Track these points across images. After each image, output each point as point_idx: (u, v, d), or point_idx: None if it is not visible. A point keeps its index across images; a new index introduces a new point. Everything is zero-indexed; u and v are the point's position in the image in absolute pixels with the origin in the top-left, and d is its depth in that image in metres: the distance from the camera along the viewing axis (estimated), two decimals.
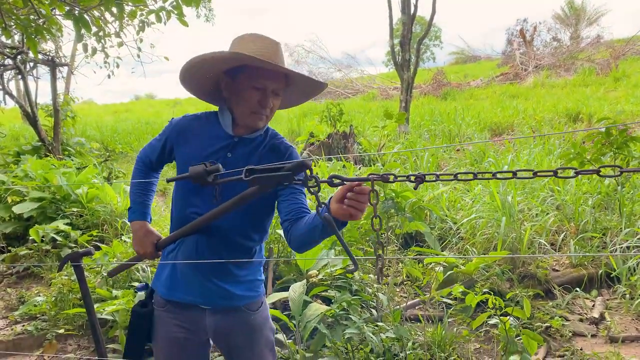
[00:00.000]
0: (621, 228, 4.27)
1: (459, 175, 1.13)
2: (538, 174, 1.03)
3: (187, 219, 1.65)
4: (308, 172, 1.25)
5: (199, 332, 1.76)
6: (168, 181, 1.57)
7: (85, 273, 3.89)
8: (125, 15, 4.79)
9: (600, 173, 0.96)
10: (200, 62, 1.61)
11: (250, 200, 1.46)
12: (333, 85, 22.99)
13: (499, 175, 1.09)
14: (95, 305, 3.18)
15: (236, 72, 1.64)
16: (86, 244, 4.73)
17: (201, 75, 1.69)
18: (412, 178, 1.17)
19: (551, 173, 1.02)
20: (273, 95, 1.67)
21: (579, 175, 1.09)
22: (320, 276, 3.43)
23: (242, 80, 1.64)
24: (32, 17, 4.17)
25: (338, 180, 1.25)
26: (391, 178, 1.19)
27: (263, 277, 1.87)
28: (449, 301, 3.50)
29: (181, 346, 1.76)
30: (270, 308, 3.09)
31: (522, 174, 1.03)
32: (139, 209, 1.85)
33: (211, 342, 1.85)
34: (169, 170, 8.60)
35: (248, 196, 1.45)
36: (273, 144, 1.73)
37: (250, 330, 1.78)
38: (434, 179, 1.14)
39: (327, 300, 3.29)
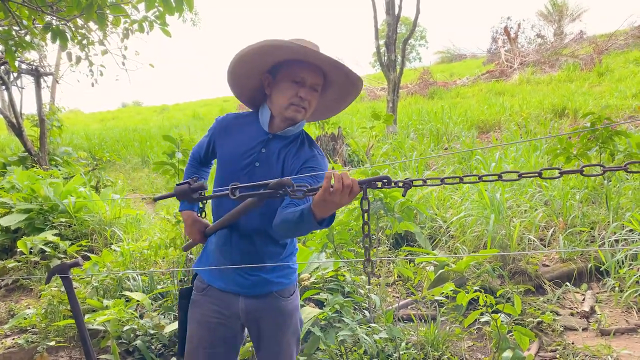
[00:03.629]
0: (609, 221, 4.32)
1: (445, 179, 1.14)
2: (523, 175, 1.04)
3: (227, 207, 1.75)
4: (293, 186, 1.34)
5: (232, 318, 1.85)
6: (155, 200, 1.60)
7: (76, 284, 3.87)
8: (108, 23, 4.76)
9: (584, 172, 0.97)
10: (242, 57, 1.71)
11: (254, 209, 1.62)
12: None
13: (485, 178, 1.10)
14: (86, 316, 3.15)
15: (277, 68, 1.76)
16: (75, 255, 4.69)
17: (244, 74, 1.79)
18: (400, 184, 1.18)
19: (536, 174, 1.03)
20: (311, 90, 1.75)
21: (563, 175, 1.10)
22: (312, 279, 3.43)
23: (282, 76, 1.75)
24: (14, 27, 4.14)
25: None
26: (379, 184, 1.20)
27: (296, 265, 1.94)
28: (442, 299, 3.52)
29: (213, 330, 1.85)
30: None
31: (508, 176, 1.04)
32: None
33: (245, 333, 1.96)
34: (162, 188, 8.55)
35: (250, 205, 1.58)
36: (301, 147, 1.81)
37: (280, 315, 1.86)
38: (421, 183, 1.15)
39: (320, 303, 3.29)
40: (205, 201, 1.51)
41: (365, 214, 1.33)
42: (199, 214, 1.60)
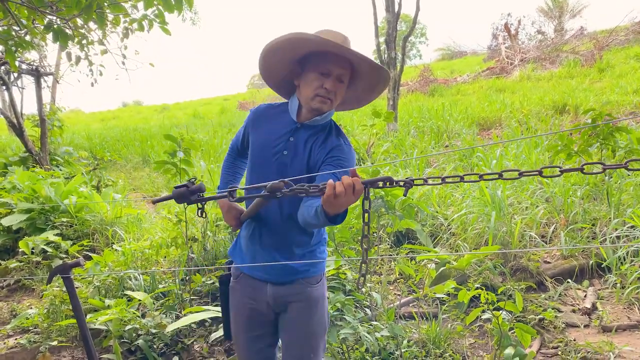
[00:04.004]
0: (610, 218, 4.31)
1: (446, 178, 1.14)
2: (524, 174, 1.04)
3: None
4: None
5: (262, 304, 1.92)
6: (154, 202, 1.62)
7: (78, 283, 3.87)
8: (108, 22, 4.75)
9: (584, 171, 0.97)
10: (271, 48, 1.77)
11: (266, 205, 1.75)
12: None
13: (485, 177, 1.09)
14: (88, 316, 3.16)
15: (305, 60, 1.81)
16: (77, 254, 4.70)
17: (275, 63, 1.85)
18: (402, 183, 1.19)
19: (537, 173, 1.03)
20: (337, 81, 1.79)
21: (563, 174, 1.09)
22: None
23: (310, 67, 1.80)
24: (14, 27, 4.14)
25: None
26: (380, 184, 1.21)
27: (325, 255, 1.97)
28: (443, 296, 3.52)
29: (248, 316, 1.95)
30: None
31: (508, 175, 1.04)
32: (224, 187, 2.07)
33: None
34: (163, 188, 8.55)
35: (260, 204, 1.72)
36: (328, 136, 1.85)
37: (305, 301, 1.90)
38: (422, 183, 1.15)
39: None
40: (204, 202, 1.52)
41: (366, 214, 1.34)
42: (200, 215, 1.61)
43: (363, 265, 1.39)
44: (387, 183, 1.25)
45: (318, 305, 1.92)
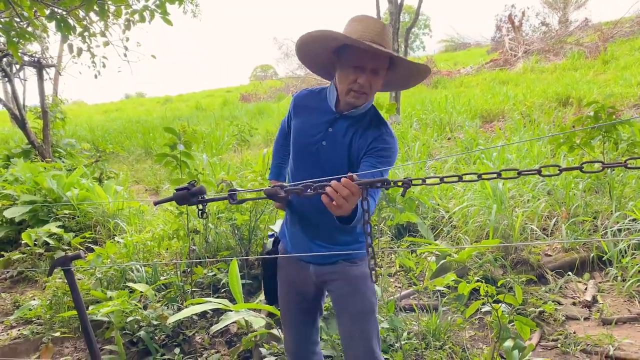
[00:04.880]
0: (612, 211, 4.31)
1: (445, 178, 1.14)
2: (522, 173, 1.04)
3: (297, 180, 1.89)
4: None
5: (307, 281, 2.04)
6: (155, 204, 1.65)
7: (79, 275, 3.89)
8: (110, 14, 4.74)
9: (583, 169, 0.97)
10: (308, 39, 1.77)
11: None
12: (323, 78, 22.90)
13: (484, 177, 1.09)
14: (90, 307, 3.18)
15: (341, 51, 1.78)
16: (79, 246, 4.72)
17: (312, 52, 1.85)
18: (400, 183, 1.19)
19: (535, 172, 1.03)
20: (372, 74, 1.76)
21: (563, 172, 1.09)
22: None
23: (345, 59, 1.78)
24: (15, 19, 4.13)
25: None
26: (378, 185, 1.22)
27: (369, 241, 1.97)
28: (443, 289, 3.53)
29: (294, 290, 2.09)
30: (265, 304, 3.09)
31: (506, 174, 1.04)
32: (274, 170, 2.22)
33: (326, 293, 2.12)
34: (165, 180, 8.56)
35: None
36: (368, 126, 1.86)
37: (347, 279, 1.96)
38: (420, 183, 1.15)
39: None
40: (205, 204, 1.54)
41: (366, 215, 1.36)
42: (200, 216, 1.62)
43: (371, 260, 1.40)
44: (385, 183, 1.26)
45: (360, 283, 1.96)
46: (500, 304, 2.67)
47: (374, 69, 1.76)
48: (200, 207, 1.63)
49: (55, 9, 3.74)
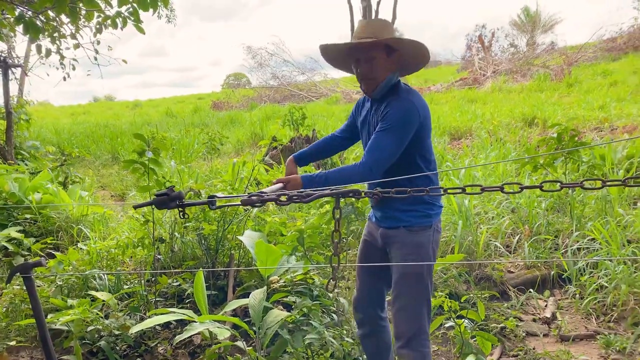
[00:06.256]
0: (572, 230, 4.44)
1: (414, 191, 1.17)
2: (485, 189, 1.07)
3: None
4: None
5: (376, 240, 2.43)
6: (135, 208, 1.69)
7: (40, 282, 3.78)
8: (81, 17, 4.67)
9: (543, 188, 1.01)
10: (322, 50, 2.31)
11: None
12: (296, 89, 22.98)
13: (449, 191, 1.13)
14: (50, 315, 3.09)
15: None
16: (40, 252, 4.59)
17: (328, 57, 2.37)
18: (371, 194, 1.22)
19: (498, 188, 1.06)
20: (366, 63, 2.18)
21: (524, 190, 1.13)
22: (281, 282, 3.43)
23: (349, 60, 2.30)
24: None
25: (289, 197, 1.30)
26: (350, 194, 1.24)
27: (432, 211, 2.28)
28: None
29: (365, 246, 2.55)
30: (230, 316, 3.07)
31: (471, 190, 1.07)
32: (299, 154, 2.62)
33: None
34: (132, 186, 8.41)
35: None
36: (384, 100, 2.22)
37: (403, 243, 2.26)
38: (389, 195, 1.18)
39: (289, 307, 3.30)
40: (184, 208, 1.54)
41: (337, 223, 1.37)
42: (182, 217, 1.67)
43: (333, 269, 1.42)
44: (355, 194, 1.28)
45: (414, 249, 2.23)
46: (463, 320, 2.72)
47: (367, 57, 2.17)
48: (180, 210, 1.65)
49: (24, 11, 3.67)
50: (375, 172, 2.11)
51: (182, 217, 1.64)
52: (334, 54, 2.31)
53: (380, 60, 2.16)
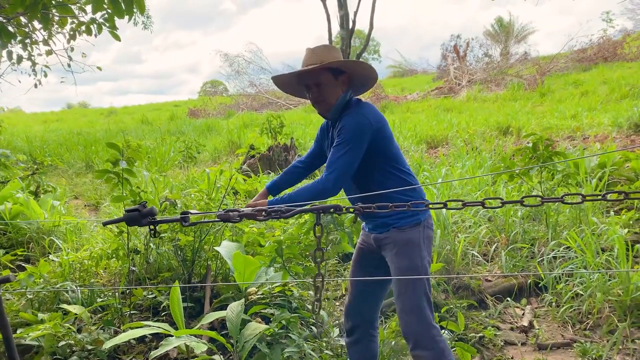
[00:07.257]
0: (548, 238, 4.49)
1: (396, 206, 1.16)
2: (467, 204, 1.07)
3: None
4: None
5: (371, 246, 2.48)
6: (104, 224, 1.67)
7: (8, 295, 3.66)
8: (54, 24, 4.58)
9: (524, 203, 1.01)
10: (277, 80, 2.48)
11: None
12: (274, 96, 22.95)
13: (431, 206, 1.12)
14: (19, 330, 2.99)
15: None
16: (9, 264, 4.45)
17: (282, 84, 2.51)
18: (352, 210, 1.21)
19: (479, 204, 1.05)
20: (316, 87, 2.30)
21: (505, 204, 1.12)
22: (259, 294, 3.38)
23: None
24: None
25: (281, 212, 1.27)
26: (332, 210, 1.23)
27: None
28: (389, 313, 3.54)
29: (359, 253, 2.61)
30: (207, 329, 3.01)
31: (452, 205, 1.06)
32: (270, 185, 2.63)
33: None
34: (106, 195, 8.24)
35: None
36: (339, 124, 2.29)
37: (395, 243, 2.31)
38: (370, 210, 1.16)
39: (267, 319, 3.25)
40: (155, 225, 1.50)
41: (318, 241, 1.35)
42: (153, 236, 1.62)
43: (318, 288, 1.40)
44: (336, 210, 1.26)
45: (406, 244, 2.28)
46: (444, 331, 2.71)
47: (315, 83, 2.29)
48: (152, 228, 1.60)
49: None
50: (335, 186, 2.20)
51: (153, 236, 1.59)
52: (287, 83, 2.45)
53: (328, 83, 2.28)
